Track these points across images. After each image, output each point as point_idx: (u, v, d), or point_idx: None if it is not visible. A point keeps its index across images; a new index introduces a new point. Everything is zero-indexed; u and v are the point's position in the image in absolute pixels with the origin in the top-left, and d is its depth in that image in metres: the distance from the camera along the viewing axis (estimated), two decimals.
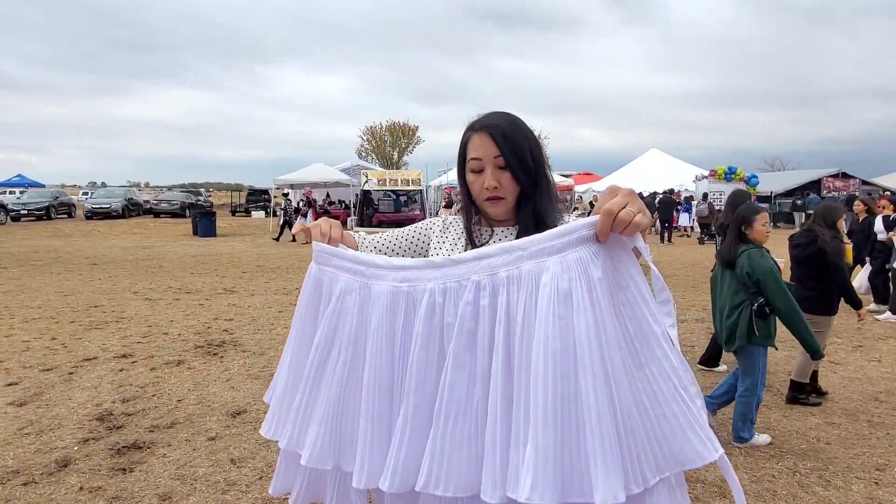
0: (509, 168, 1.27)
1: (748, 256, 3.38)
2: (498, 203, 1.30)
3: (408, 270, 1.05)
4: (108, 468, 3.11)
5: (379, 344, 1.04)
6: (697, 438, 0.88)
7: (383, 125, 51.70)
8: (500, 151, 1.27)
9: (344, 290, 1.12)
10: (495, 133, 1.27)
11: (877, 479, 3.06)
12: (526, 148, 1.28)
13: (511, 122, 1.31)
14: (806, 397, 4.11)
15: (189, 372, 4.75)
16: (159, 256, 13.01)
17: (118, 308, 7.25)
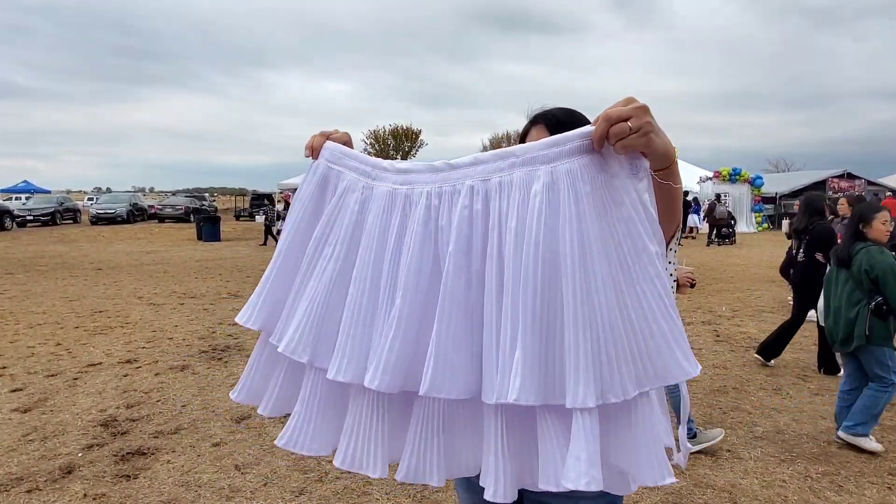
0: None
1: (867, 253, 3.35)
2: None
3: (409, 174, 1.06)
4: (113, 475, 3.08)
5: (370, 241, 1.04)
6: (683, 355, 0.89)
7: (386, 129, 51.86)
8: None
9: (347, 188, 1.12)
10: (550, 124, 1.25)
11: (890, 483, 3.01)
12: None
13: (569, 114, 1.28)
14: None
15: (193, 377, 4.74)
16: (164, 261, 13.02)
17: (123, 313, 7.24)
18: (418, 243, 1.00)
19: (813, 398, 4.25)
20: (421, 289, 0.99)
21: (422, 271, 0.99)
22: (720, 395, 4.31)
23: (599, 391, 0.86)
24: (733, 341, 5.92)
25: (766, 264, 12.58)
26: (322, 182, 1.16)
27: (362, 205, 1.09)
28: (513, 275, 0.90)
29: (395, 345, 0.98)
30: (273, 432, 3.62)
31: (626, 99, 0.90)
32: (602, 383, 0.86)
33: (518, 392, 0.87)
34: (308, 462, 3.23)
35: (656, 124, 0.90)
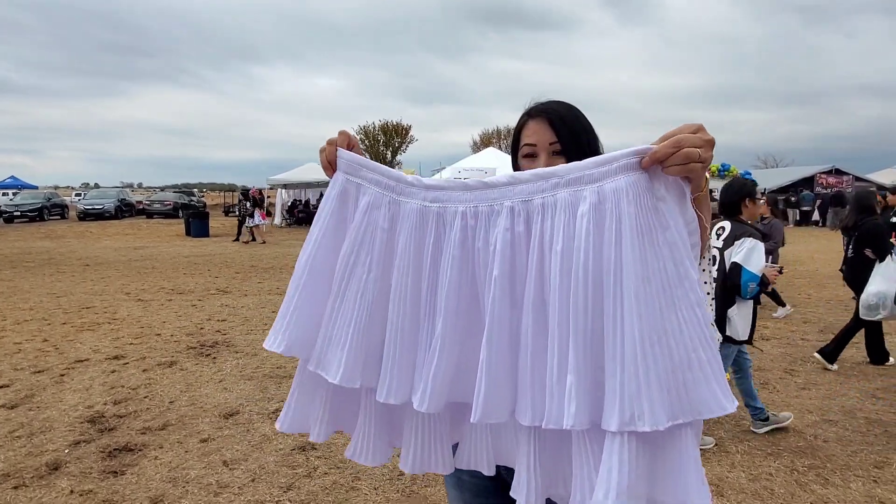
0: (565, 154, 1.21)
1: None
2: None
3: (439, 191, 1.03)
4: (100, 471, 3.06)
5: (406, 262, 1.02)
6: (720, 388, 0.87)
7: (376, 125, 51.68)
8: (557, 137, 1.21)
9: (371, 203, 1.08)
10: (553, 118, 1.23)
11: (875, 476, 3.05)
12: (583, 136, 1.23)
13: (569, 109, 1.26)
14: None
15: (181, 373, 4.70)
16: (152, 257, 12.92)
17: (110, 309, 7.18)
18: (456, 266, 0.98)
19: (800, 392, 4.29)
20: (461, 312, 0.99)
21: (461, 294, 0.99)
22: None
23: (627, 417, 0.84)
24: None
25: None
26: (342, 195, 1.12)
27: (391, 222, 1.06)
28: (559, 298, 0.89)
29: (439, 371, 0.98)
30: (261, 428, 3.61)
31: (696, 126, 0.89)
32: (632, 410, 0.84)
33: (574, 419, 0.87)
34: (296, 458, 3.22)
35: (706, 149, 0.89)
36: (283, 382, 4.45)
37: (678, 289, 0.87)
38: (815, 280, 9.79)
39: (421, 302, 1.02)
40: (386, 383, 1.03)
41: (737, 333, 3.33)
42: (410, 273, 1.02)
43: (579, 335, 0.88)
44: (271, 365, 4.91)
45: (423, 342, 1.02)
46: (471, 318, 1.00)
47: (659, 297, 0.86)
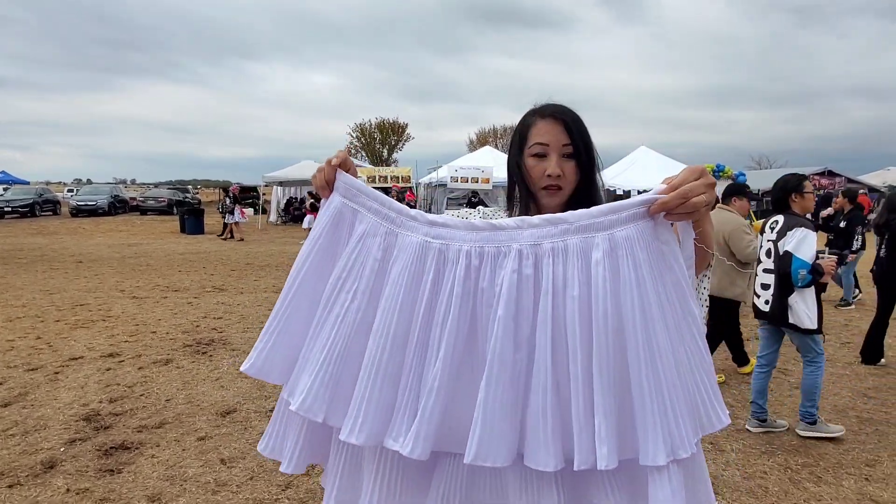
0: (576, 158, 1.24)
1: None
2: (556, 193, 1.25)
3: (443, 228, 1.01)
4: (96, 469, 3.05)
5: (396, 295, 1.00)
6: (719, 405, 0.98)
7: (373, 123, 51.60)
8: (571, 139, 1.23)
9: (367, 231, 1.06)
10: (568, 121, 1.24)
11: (867, 474, 3.08)
12: (590, 143, 1.27)
13: (577, 114, 1.30)
14: None
15: (178, 371, 4.69)
16: (146, 254, 12.86)
17: (104, 306, 7.15)
18: (458, 305, 0.97)
19: (793, 391, 4.33)
20: (458, 351, 0.97)
21: (460, 334, 0.97)
22: None
23: (670, 448, 0.90)
24: None
25: None
26: (336, 218, 1.10)
27: (385, 252, 1.04)
28: (580, 343, 0.91)
29: (434, 413, 0.95)
30: (259, 426, 3.61)
31: (699, 171, 0.93)
32: (672, 440, 0.90)
33: (607, 459, 0.90)
34: None
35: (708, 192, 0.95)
36: None
37: (684, 323, 0.94)
38: None
39: (409, 339, 0.99)
40: (352, 421, 0.98)
41: (800, 321, 3.41)
42: (399, 308, 0.99)
43: (604, 378, 0.90)
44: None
45: (408, 383, 0.98)
46: (465, 360, 0.98)
47: (673, 334, 0.93)
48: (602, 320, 0.90)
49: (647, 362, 0.90)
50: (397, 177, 22.69)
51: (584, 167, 1.26)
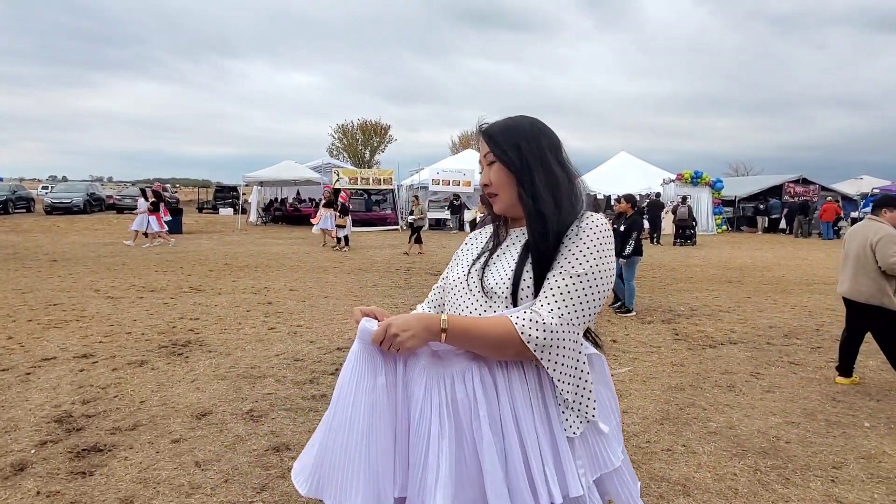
0: (497, 161, 1.33)
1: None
2: (494, 199, 1.38)
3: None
4: (67, 472, 3.00)
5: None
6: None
7: (355, 123, 51.41)
8: (489, 148, 1.35)
9: (384, 384, 1.25)
10: (486, 133, 1.37)
11: (833, 476, 3.16)
12: (513, 141, 1.32)
13: (511, 121, 1.38)
14: None
15: (153, 372, 4.63)
16: (122, 253, 12.66)
17: (78, 306, 7.02)
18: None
19: (764, 395, 4.42)
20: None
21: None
22: (677, 392, 4.45)
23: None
24: (691, 339, 6.10)
25: (725, 265, 12.97)
26: (370, 358, 1.29)
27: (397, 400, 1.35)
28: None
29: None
30: (234, 429, 3.58)
31: (382, 329, 1.22)
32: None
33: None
34: (270, 458, 3.21)
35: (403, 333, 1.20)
36: (256, 383, 4.42)
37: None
38: (780, 286, 10.07)
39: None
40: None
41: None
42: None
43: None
44: (245, 365, 4.87)
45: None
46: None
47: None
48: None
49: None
50: (379, 178, 22.64)
51: (512, 167, 1.32)
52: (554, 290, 1.22)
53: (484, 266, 1.38)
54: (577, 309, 1.21)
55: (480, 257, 1.42)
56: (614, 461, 1.32)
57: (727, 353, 5.59)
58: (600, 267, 1.25)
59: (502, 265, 1.34)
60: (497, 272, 1.34)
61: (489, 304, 1.32)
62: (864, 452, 3.46)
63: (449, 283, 1.46)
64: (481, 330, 1.20)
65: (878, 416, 4.04)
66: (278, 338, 5.80)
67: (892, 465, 3.30)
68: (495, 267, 1.36)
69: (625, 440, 3.72)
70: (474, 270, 1.39)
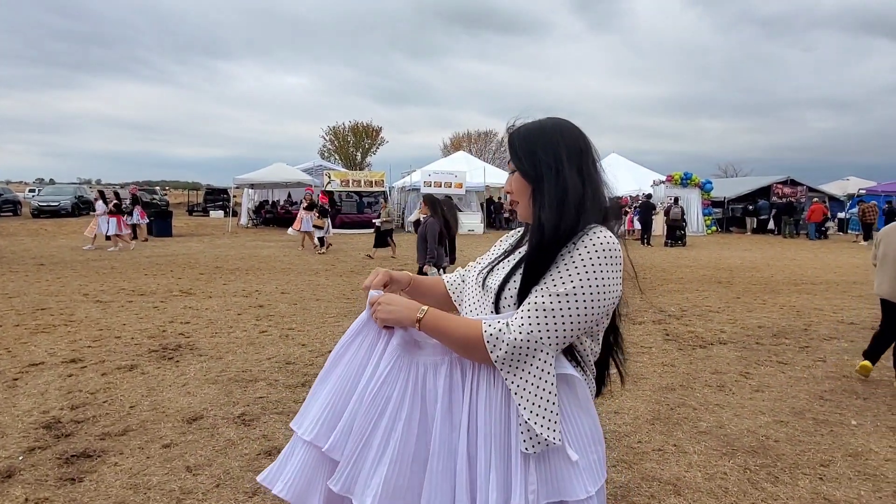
0: (518, 170, 1.34)
1: None
2: (516, 207, 1.39)
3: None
4: (56, 478, 2.98)
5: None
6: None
7: (346, 125, 51.33)
8: (511, 155, 1.34)
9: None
10: (509, 139, 1.37)
11: (821, 474, 3.20)
12: (531, 150, 1.30)
13: (534, 125, 1.35)
14: None
15: (143, 377, 4.60)
16: (111, 257, 12.56)
17: (67, 311, 6.96)
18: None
19: (754, 394, 4.46)
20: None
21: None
22: (668, 392, 4.48)
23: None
24: (681, 340, 6.15)
25: (714, 266, 13.07)
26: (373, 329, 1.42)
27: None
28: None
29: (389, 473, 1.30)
30: (226, 433, 3.57)
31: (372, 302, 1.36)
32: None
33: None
34: (262, 462, 3.20)
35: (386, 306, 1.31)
36: (248, 386, 4.40)
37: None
38: (769, 286, 10.16)
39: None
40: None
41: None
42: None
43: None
44: (236, 369, 4.85)
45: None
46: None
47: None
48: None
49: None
50: (371, 181, 22.61)
51: (528, 178, 1.31)
52: (531, 306, 1.19)
53: (493, 265, 1.39)
54: (550, 328, 1.17)
55: (499, 257, 1.43)
56: (578, 493, 1.20)
57: (717, 353, 5.63)
58: (588, 286, 1.18)
59: (504, 269, 1.35)
60: (497, 275, 1.35)
61: (487, 299, 1.34)
62: (852, 450, 3.50)
63: (468, 276, 1.51)
64: (451, 329, 1.23)
65: (865, 414, 4.09)
66: (270, 341, 5.78)
67: (878, 463, 3.34)
68: (500, 268, 1.37)
69: (616, 440, 3.72)
70: (484, 269, 1.42)
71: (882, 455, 3.45)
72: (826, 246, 19.49)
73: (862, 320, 7.23)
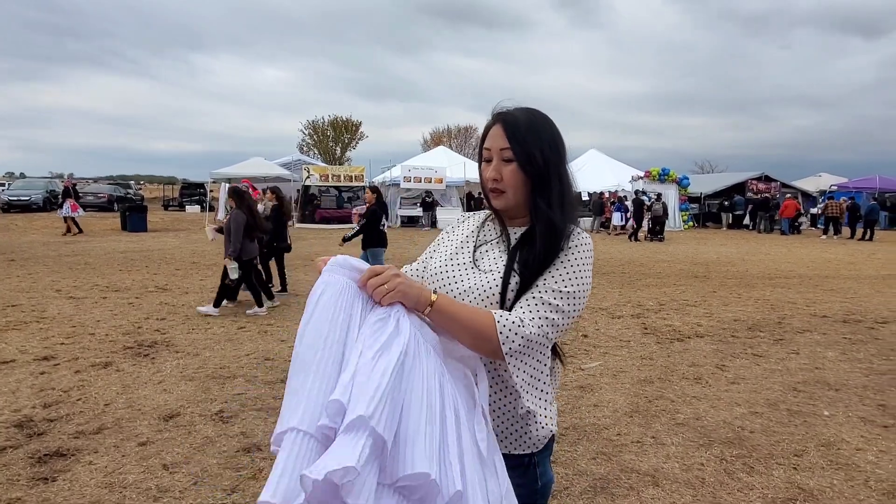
0: (516, 161, 1.26)
1: None
2: (499, 196, 1.31)
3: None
4: (28, 478, 2.91)
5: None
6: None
7: (326, 120, 50.91)
8: (509, 144, 1.26)
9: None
10: (508, 125, 1.28)
11: (795, 464, 3.27)
12: (536, 145, 1.27)
13: (531, 117, 1.30)
14: None
15: (117, 374, 4.52)
16: (84, 252, 12.29)
17: (38, 307, 6.80)
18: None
19: (730, 387, 4.54)
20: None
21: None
22: (646, 385, 4.53)
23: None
24: (659, 333, 6.23)
25: (691, 260, 13.27)
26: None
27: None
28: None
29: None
30: (203, 430, 3.52)
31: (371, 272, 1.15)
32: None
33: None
34: (241, 459, 3.16)
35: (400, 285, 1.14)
36: (226, 383, 4.35)
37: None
38: (745, 280, 10.34)
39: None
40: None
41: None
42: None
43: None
44: (214, 365, 4.78)
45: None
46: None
47: None
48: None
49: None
50: (350, 175, 22.46)
51: (529, 172, 1.27)
52: (541, 304, 1.20)
53: (474, 250, 1.36)
54: (556, 325, 1.21)
55: (472, 246, 1.38)
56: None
57: (694, 347, 5.72)
58: (583, 286, 1.26)
59: (491, 258, 1.32)
60: (486, 263, 1.31)
61: (480, 275, 1.29)
62: (824, 440, 3.59)
63: (435, 269, 1.38)
64: (463, 316, 1.17)
65: (837, 405, 4.19)
66: (248, 337, 5.71)
67: (850, 453, 3.42)
68: (488, 256, 1.33)
69: (595, 433, 3.76)
70: (465, 253, 1.36)
71: (853, 445, 3.53)
72: (799, 241, 19.90)
73: (834, 313, 7.40)
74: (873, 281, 10.57)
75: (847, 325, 6.79)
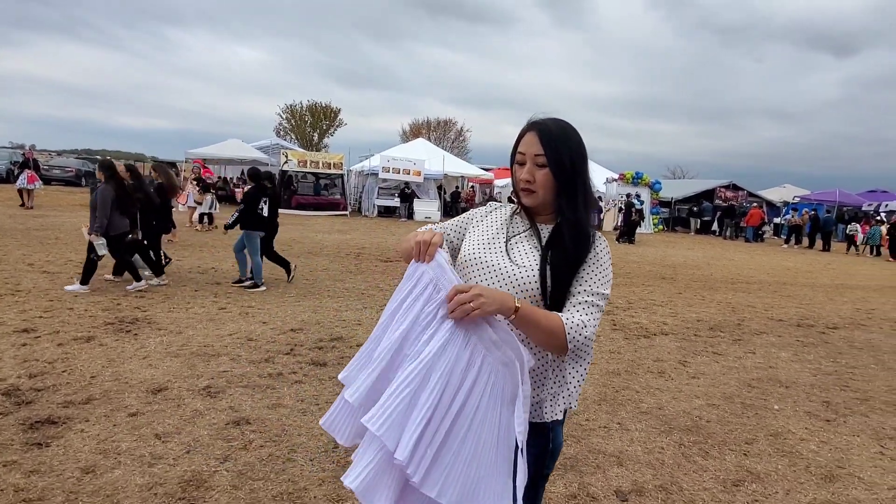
0: (549, 166, 1.45)
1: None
2: (530, 194, 1.50)
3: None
4: (22, 443, 3.00)
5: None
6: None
7: (304, 105, 50.36)
8: (543, 151, 1.45)
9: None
10: (543, 134, 1.46)
11: (746, 451, 3.57)
12: (566, 154, 1.46)
13: (562, 129, 1.48)
14: None
15: (101, 348, 4.58)
16: (54, 227, 12.06)
17: (12, 280, 6.74)
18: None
19: (690, 381, 4.85)
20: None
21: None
22: (613, 377, 4.80)
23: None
24: (627, 330, 6.53)
25: (660, 263, 13.72)
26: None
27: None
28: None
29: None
30: (192, 404, 3.64)
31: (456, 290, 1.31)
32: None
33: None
34: (231, 431, 3.30)
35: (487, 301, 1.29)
36: (211, 360, 4.46)
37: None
38: (708, 283, 10.78)
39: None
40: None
41: None
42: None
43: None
44: (198, 343, 4.88)
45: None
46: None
47: None
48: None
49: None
50: (329, 163, 22.39)
51: (558, 176, 1.46)
52: (589, 305, 1.42)
53: (506, 242, 1.53)
54: (598, 323, 1.44)
55: (504, 238, 1.54)
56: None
57: (659, 343, 6.03)
58: (610, 286, 1.49)
59: (522, 251, 1.50)
60: (518, 256, 1.49)
61: (514, 268, 1.46)
62: (773, 431, 3.90)
63: (470, 255, 1.54)
64: (541, 319, 1.35)
65: (786, 401, 4.52)
66: (230, 318, 5.80)
67: (794, 442, 3.74)
68: (519, 248, 1.51)
69: (567, 418, 4.05)
70: (499, 243, 1.53)
71: (798, 435, 3.86)
72: (762, 249, 20.67)
73: (789, 318, 7.84)
74: (827, 289, 11.15)
75: (800, 328, 7.22)
